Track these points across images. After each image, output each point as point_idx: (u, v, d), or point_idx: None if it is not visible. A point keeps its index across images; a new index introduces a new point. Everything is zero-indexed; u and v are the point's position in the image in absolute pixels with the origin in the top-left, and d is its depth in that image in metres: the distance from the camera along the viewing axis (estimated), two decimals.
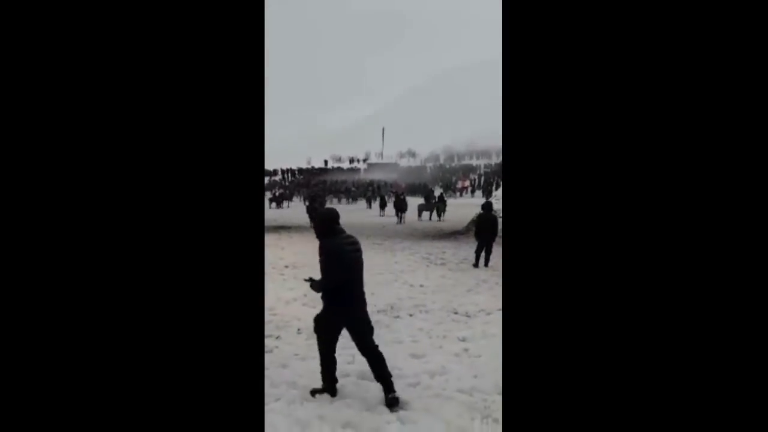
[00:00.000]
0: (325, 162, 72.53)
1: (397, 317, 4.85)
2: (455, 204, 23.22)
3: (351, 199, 30.99)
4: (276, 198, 28.93)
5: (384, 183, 39.21)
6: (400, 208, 17.07)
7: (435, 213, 18.08)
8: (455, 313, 4.97)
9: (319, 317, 2.96)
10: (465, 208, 19.93)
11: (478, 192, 36.97)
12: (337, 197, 29.76)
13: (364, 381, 3.21)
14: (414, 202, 21.31)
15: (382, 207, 21.45)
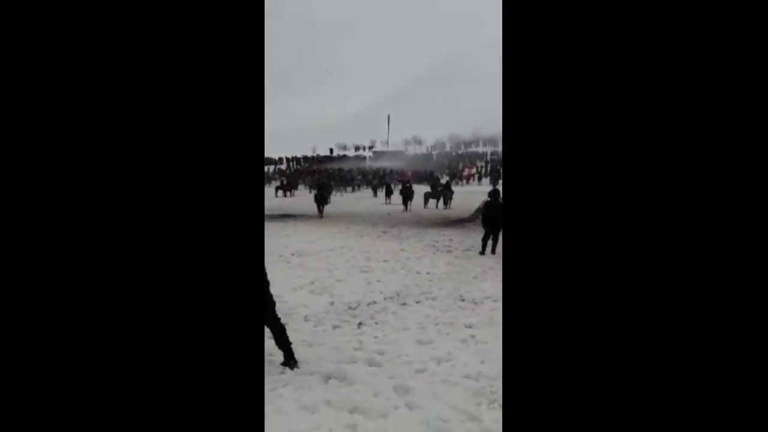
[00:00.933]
0: (331, 150, 72.45)
1: (404, 304, 4.86)
2: (462, 191, 23.16)
3: (356, 187, 30.80)
4: (283, 186, 28.99)
5: (390, 171, 39.08)
6: (406, 195, 17.04)
7: (441, 201, 18.04)
8: (462, 300, 4.98)
9: None
10: (472, 195, 19.88)
11: (485, 179, 36.82)
12: (342, 185, 29.59)
13: (371, 367, 3.24)
14: (420, 189, 21.25)
15: (388, 195, 21.43)
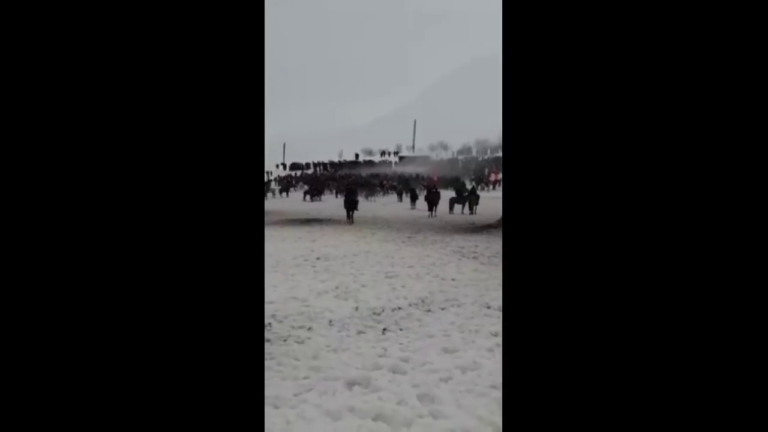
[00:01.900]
0: (356, 155, 72.80)
1: (429, 311, 4.82)
2: (488, 197, 22.91)
3: (383, 193, 30.60)
4: (310, 191, 29.30)
5: (417, 176, 39.01)
6: (432, 201, 16.95)
7: (467, 206, 17.87)
8: (488, 308, 4.90)
9: None
10: (498, 201, 19.63)
11: None
12: (372, 191, 29.54)
13: (396, 374, 3.21)
14: (446, 195, 21.14)
15: (413, 200, 21.36)
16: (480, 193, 19.58)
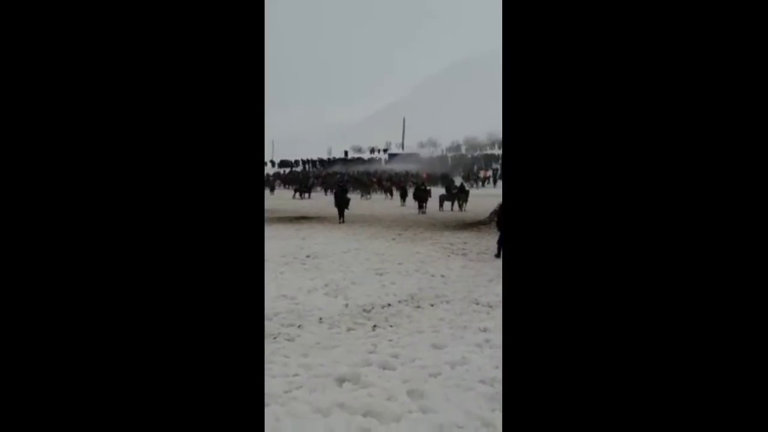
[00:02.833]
0: (346, 153, 72.66)
1: (418, 307, 4.84)
2: (477, 194, 23.02)
3: (380, 191, 29.42)
4: (300, 189, 29.09)
5: (406, 173, 39.00)
6: (421, 198, 16.99)
7: (456, 203, 17.95)
8: (477, 304, 4.94)
9: None
10: (487, 198, 19.76)
11: (500, 182, 36.56)
12: (364, 189, 28.87)
13: (385, 371, 3.23)
14: (436, 192, 21.20)
15: (403, 197, 21.41)
16: (469, 190, 19.66)
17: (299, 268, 6.90)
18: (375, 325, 4.26)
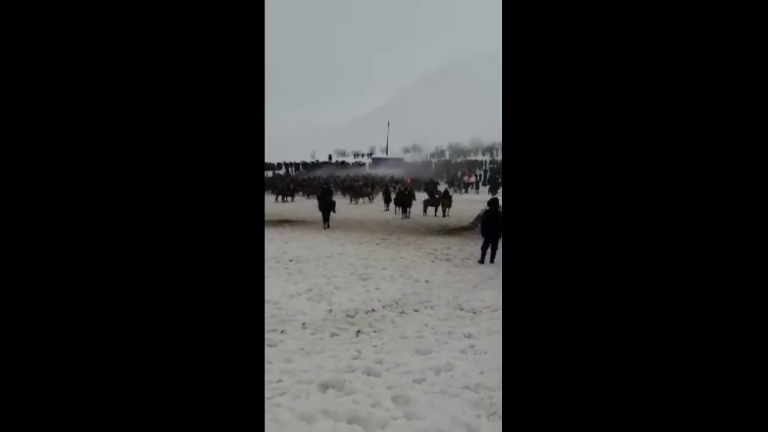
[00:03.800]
0: (329, 156, 72.43)
1: (403, 313, 4.83)
2: (461, 200, 23.16)
3: (357, 198, 28.73)
4: (282, 192, 28.75)
5: (391, 178, 39.03)
6: (405, 203, 17.00)
7: (440, 208, 18.02)
8: (461, 309, 4.95)
9: None
10: (471, 204, 19.88)
11: (483, 188, 36.90)
12: (353, 194, 28.30)
13: (370, 377, 3.21)
14: (421, 197, 21.26)
15: (386, 202, 21.41)
16: (453, 196, 19.75)
17: (282, 272, 6.83)
18: (359, 331, 4.24)
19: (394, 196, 19.17)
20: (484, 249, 7.79)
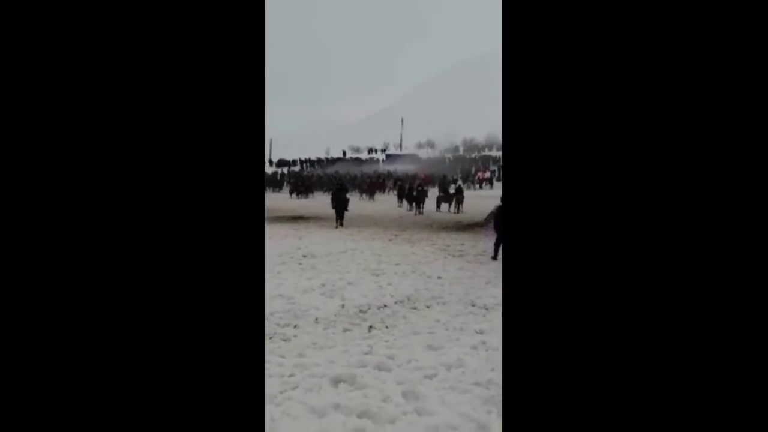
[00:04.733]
0: (344, 152, 72.56)
1: (415, 309, 4.84)
2: (475, 195, 23.04)
3: (367, 194, 28.36)
4: (297, 188, 28.91)
5: (405, 174, 38.91)
6: (418, 198, 16.99)
7: (453, 204, 17.96)
8: (473, 306, 4.94)
9: None
10: (484, 199, 19.76)
11: (498, 183, 36.60)
12: (369, 191, 28.05)
13: (381, 372, 3.23)
14: (434, 193, 21.21)
15: (400, 198, 21.39)
16: (467, 192, 19.67)
17: (296, 267, 6.89)
18: (371, 326, 4.26)
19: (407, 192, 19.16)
20: (497, 245, 7.75)
